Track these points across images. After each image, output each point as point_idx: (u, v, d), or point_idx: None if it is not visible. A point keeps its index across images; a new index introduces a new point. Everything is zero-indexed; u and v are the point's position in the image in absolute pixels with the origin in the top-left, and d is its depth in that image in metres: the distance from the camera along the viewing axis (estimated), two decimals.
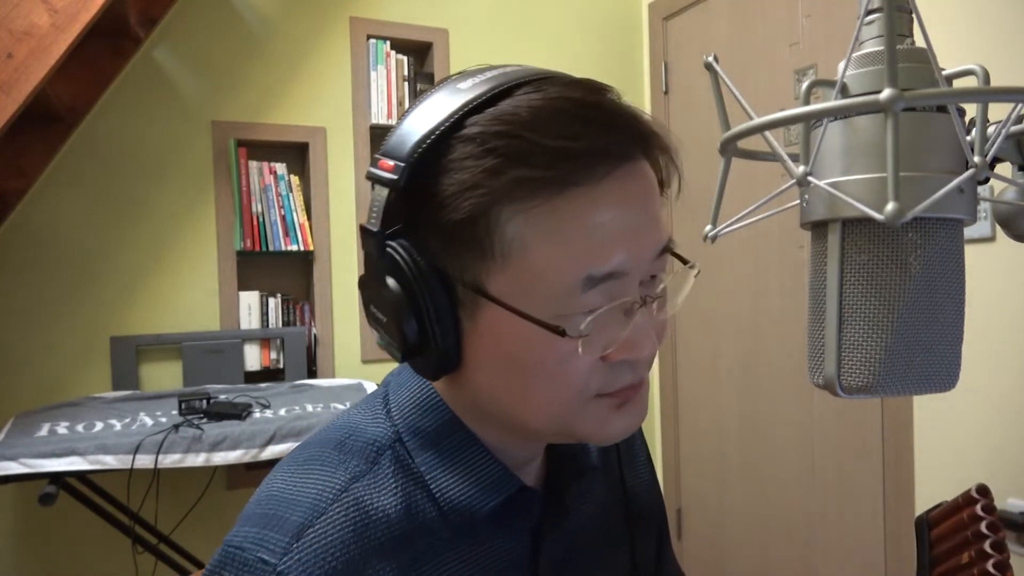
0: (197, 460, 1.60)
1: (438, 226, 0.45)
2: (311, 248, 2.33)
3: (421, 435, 0.52)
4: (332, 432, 0.54)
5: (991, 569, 0.51)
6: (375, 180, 0.47)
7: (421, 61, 2.59)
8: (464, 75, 0.48)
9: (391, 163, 0.46)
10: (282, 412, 1.82)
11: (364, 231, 0.48)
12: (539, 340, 0.45)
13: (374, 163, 0.47)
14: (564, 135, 0.43)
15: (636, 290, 0.47)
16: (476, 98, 0.45)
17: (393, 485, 0.50)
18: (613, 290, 0.45)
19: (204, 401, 1.77)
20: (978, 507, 0.54)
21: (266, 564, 0.45)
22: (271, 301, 2.33)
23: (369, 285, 0.49)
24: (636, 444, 0.71)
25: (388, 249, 0.46)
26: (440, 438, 0.52)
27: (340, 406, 1.88)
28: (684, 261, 0.52)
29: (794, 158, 0.47)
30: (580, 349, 0.44)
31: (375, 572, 0.47)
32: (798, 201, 0.49)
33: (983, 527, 0.53)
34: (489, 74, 0.47)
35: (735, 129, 0.49)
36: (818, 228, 0.48)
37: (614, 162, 0.45)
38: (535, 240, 0.44)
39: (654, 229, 0.47)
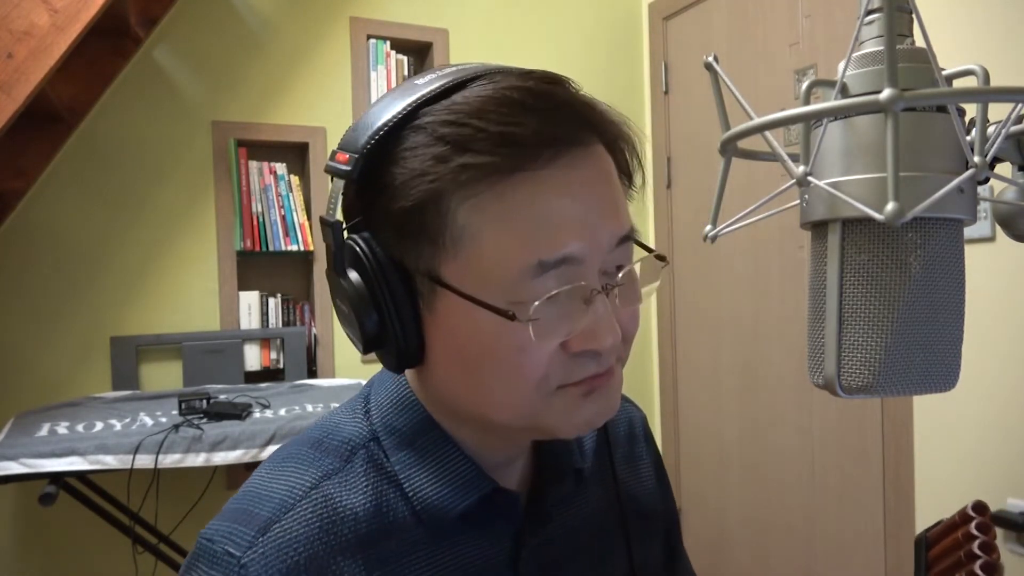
0: (197, 460, 1.60)
1: (391, 216, 0.46)
2: (311, 248, 2.33)
3: (397, 434, 0.53)
4: (312, 431, 0.55)
5: None
6: (332, 173, 0.47)
7: (421, 61, 2.59)
8: (424, 73, 0.49)
9: (346, 155, 0.46)
10: (282, 412, 1.82)
11: (323, 223, 0.48)
12: (494, 327, 0.44)
13: (332, 157, 0.48)
14: (509, 122, 0.43)
15: (595, 278, 0.46)
16: (430, 92, 0.46)
17: (364, 483, 0.51)
18: (568, 277, 0.45)
19: (204, 401, 1.77)
20: (972, 526, 0.54)
21: (231, 556, 0.46)
22: (271, 301, 2.33)
23: (331, 278, 0.49)
24: (639, 447, 0.69)
25: (348, 242, 0.47)
26: (415, 437, 0.52)
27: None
28: (651, 251, 0.51)
29: (794, 158, 0.47)
30: (532, 335, 0.43)
31: (339, 569, 0.47)
32: (798, 201, 0.49)
33: (975, 547, 0.53)
34: (447, 70, 0.48)
35: (735, 129, 0.49)
36: (818, 228, 0.48)
37: (560, 147, 0.45)
38: (485, 227, 0.44)
39: (610, 216, 0.47)
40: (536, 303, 0.43)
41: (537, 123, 0.44)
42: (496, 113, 0.43)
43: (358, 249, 0.46)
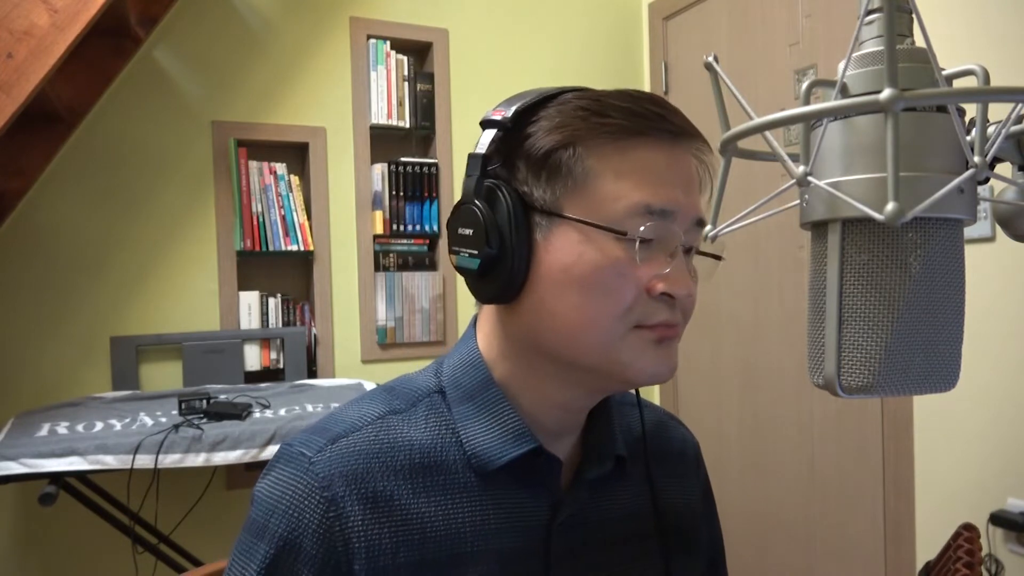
0: (197, 460, 1.60)
1: (531, 156, 0.56)
2: (311, 248, 2.33)
3: (461, 389, 0.61)
4: (390, 382, 0.66)
5: None
6: (488, 123, 0.58)
7: (421, 61, 2.59)
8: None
9: (502, 111, 0.57)
10: (282, 412, 1.82)
11: (471, 157, 0.58)
12: (602, 249, 0.54)
13: (488, 114, 0.58)
14: (636, 104, 0.55)
15: (681, 235, 0.55)
16: (571, 86, 0.59)
17: (424, 425, 0.60)
18: (663, 226, 0.54)
19: (204, 401, 1.77)
20: (960, 541, 0.58)
21: (303, 456, 0.57)
22: (271, 301, 2.33)
23: (465, 205, 0.58)
24: (690, 467, 0.75)
25: (487, 180, 0.57)
26: (476, 393, 0.60)
27: None
28: (713, 256, 0.61)
29: (794, 158, 0.47)
30: (636, 256, 0.53)
31: (389, 485, 0.56)
32: (798, 201, 0.49)
33: (960, 563, 0.56)
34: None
35: (735, 129, 0.49)
36: (818, 228, 0.48)
37: (673, 132, 0.56)
38: (607, 172, 0.55)
39: (697, 197, 0.58)
40: (641, 230, 0.53)
41: (656, 110, 0.55)
42: (626, 99, 0.56)
43: (493, 184, 0.56)
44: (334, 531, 0.54)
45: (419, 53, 2.58)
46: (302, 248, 2.31)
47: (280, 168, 2.31)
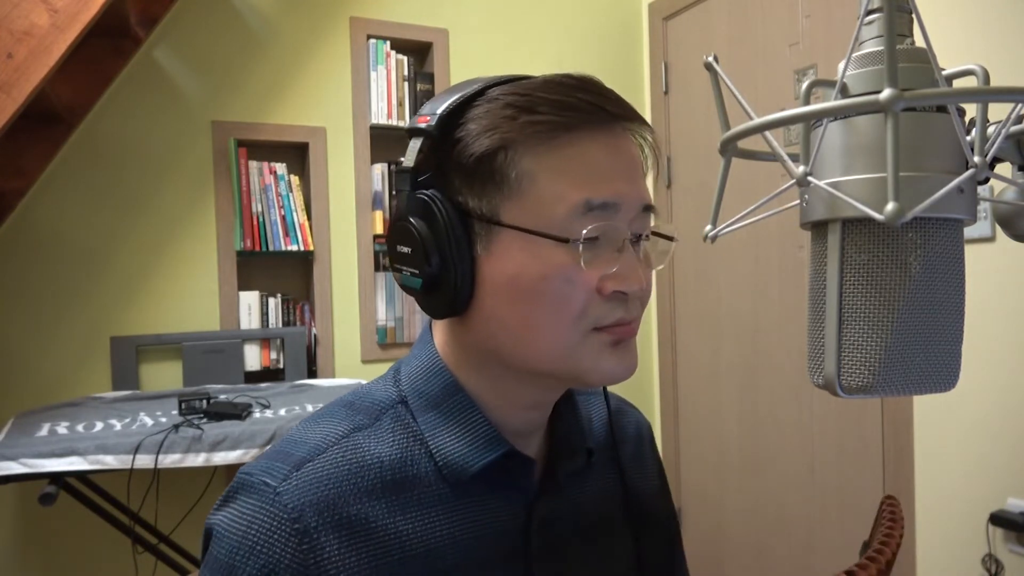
0: (197, 460, 1.60)
1: (462, 164, 0.53)
2: (311, 248, 2.33)
3: (424, 397, 0.59)
4: (345, 396, 0.62)
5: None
6: (413, 131, 0.55)
7: (421, 61, 2.59)
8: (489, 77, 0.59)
9: (427, 117, 0.54)
10: (282, 412, 1.82)
11: (399, 171, 0.56)
12: (547, 256, 0.52)
13: (413, 121, 0.56)
14: (567, 95, 0.52)
15: (626, 229, 0.54)
16: (498, 79, 0.56)
17: (391, 438, 0.57)
18: (607, 219, 0.52)
19: (204, 401, 1.77)
20: (883, 516, 0.63)
21: (267, 486, 0.52)
22: (271, 301, 2.33)
23: (399, 222, 0.56)
24: (645, 448, 0.75)
25: (419, 192, 0.54)
26: (441, 400, 0.58)
27: None
28: (664, 236, 0.60)
29: (794, 158, 0.47)
30: (582, 261, 0.51)
31: (362, 508, 0.53)
32: (798, 201, 0.49)
33: (886, 525, 0.61)
34: (509, 75, 0.58)
35: (735, 129, 0.49)
36: (818, 228, 0.48)
37: (608, 119, 0.54)
38: (543, 172, 0.52)
39: (641, 184, 0.55)
40: (584, 231, 0.51)
41: (589, 99, 0.53)
42: (556, 90, 0.53)
43: (427, 197, 0.54)
44: (308, 565, 0.50)
45: (419, 53, 2.58)
46: (302, 248, 2.31)
47: (280, 168, 2.31)
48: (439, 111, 0.54)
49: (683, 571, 0.77)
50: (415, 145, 0.55)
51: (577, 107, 0.52)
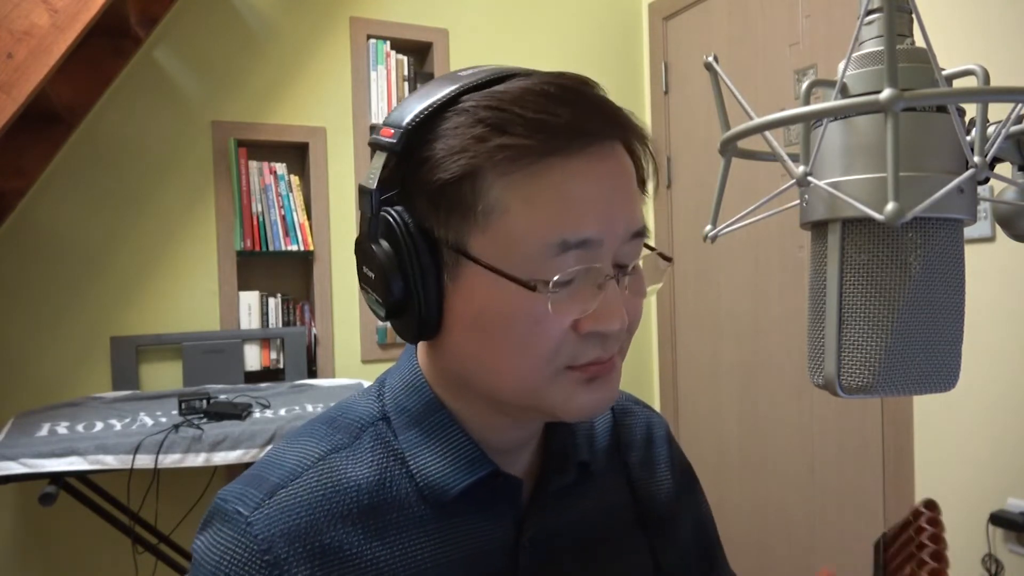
0: (197, 460, 1.60)
1: (428, 188, 0.48)
2: (311, 248, 2.33)
3: (406, 414, 0.56)
4: (329, 411, 0.60)
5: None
6: (376, 146, 0.50)
7: (421, 61, 2.59)
8: (467, 68, 0.52)
9: (391, 130, 0.49)
10: (282, 412, 1.82)
11: (361, 191, 0.51)
12: (514, 299, 0.47)
13: (375, 132, 0.51)
14: (545, 111, 0.46)
15: (609, 265, 0.49)
16: (473, 81, 0.49)
17: (370, 459, 0.54)
18: (585, 259, 0.48)
19: (204, 401, 1.77)
20: (923, 520, 0.55)
21: (239, 515, 0.50)
22: (271, 301, 2.33)
23: (363, 244, 0.52)
24: (656, 451, 0.70)
25: (383, 212, 0.50)
26: (422, 418, 0.56)
27: None
28: (656, 251, 0.55)
29: (794, 158, 0.47)
30: (550, 308, 0.46)
31: (338, 535, 0.51)
32: (798, 201, 0.49)
33: (925, 538, 0.54)
34: (488, 67, 0.52)
35: (735, 129, 0.49)
36: (818, 228, 0.48)
37: (589, 139, 0.48)
38: (515, 204, 0.47)
39: (628, 209, 0.50)
40: (556, 278, 0.46)
41: (570, 115, 0.47)
42: (534, 102, 0.47)
43: (391, 219, 0.49)
44: None
45: (419, 53, 2.58)
46: (302, 248, 2.31)
47: (280, 168, 2.31)
48: (404, 123, 0.49)
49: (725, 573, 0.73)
50: (379, 161, 0.50)
51: (554, 128, 0.46)
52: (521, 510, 0.57)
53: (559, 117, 0.46)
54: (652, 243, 0.55)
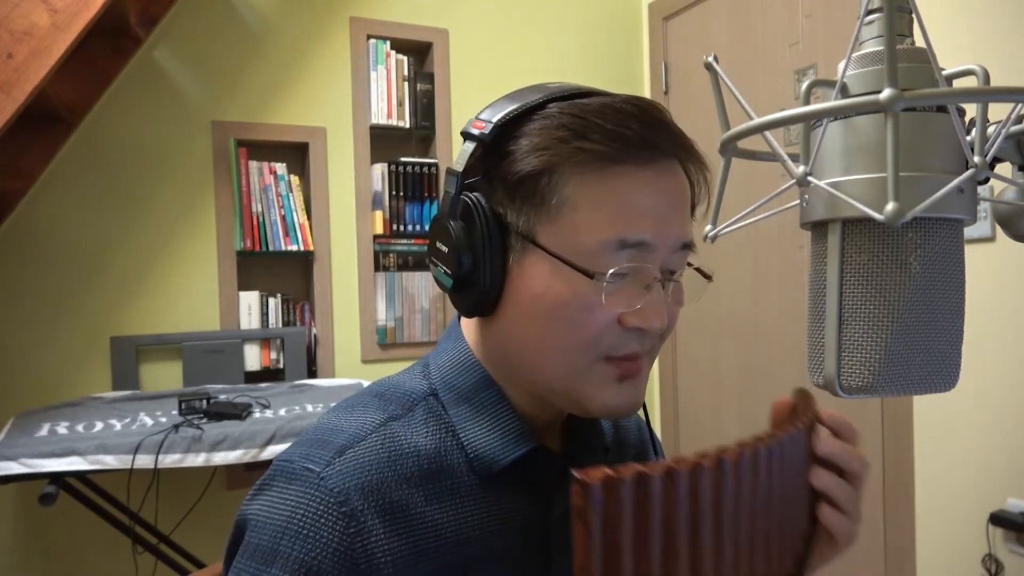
0: (197, 460, 1.60)
1: (508, 178, 0.54)
2: (311, 248, 2.33)
3: (455, 391, 0.60)
4: (374, 387, 0.63)
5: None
6: (467, 136, 0.56)
7: (421, 61, 2.59)
8: (554, 82, 0.59)
9: (483, 123, 0.55)
10: (282, 412, 1.82)
11: (448, 172, 0.57)
12: (571, 286, 0.52)
13: (469, 124, 0.57)
14: (621, 124, 0.53)
15: (657, 269, 0.54)
16: (560, 92, 0.56)
17: (424, 430, 0.58)
18: (639, 259, 0.53)
19: (204, 401, 1.77)
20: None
21: (310, 472, 0.53)
22: (271, 301, 2.33)
23: (441, 221, 0.57)
24: (647, 447, 0.76)
25: (463, 195, 0.56)
26: (472, 394, 0.60)
27: None
28: (701, 272, 0.61)
29: (794, 158, 0.47)
30: (603, 296, 0.52)
31: (402, 494, 0.54)
32: (798, 201, 0.49)
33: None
34: (574, 84, 0.59)
35: (735, 129, 0.49)
36: (818, 228, 0.48)
37: (656, 154, 0.54)
38: (584, 201, 0.53)
39: (681, 222, 0.56)
40: (612, 270, 0.52)
41: (641, 130, 0.53)
42: (612, 116, 0.53)
43: (470, 202, 0.55)
44: (356, 548, 0.51)
45: (419, 53, 2.58)
46: (302, 248, 2.31)
47: (280, 168, 2.31)
48: (495, 119, 0.55)
49: None
50: (467, 148, 0.56)
51: (628, 139, 0.52)
52: (552, 487, 0.60)
53: (632, 131, 0.52)
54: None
